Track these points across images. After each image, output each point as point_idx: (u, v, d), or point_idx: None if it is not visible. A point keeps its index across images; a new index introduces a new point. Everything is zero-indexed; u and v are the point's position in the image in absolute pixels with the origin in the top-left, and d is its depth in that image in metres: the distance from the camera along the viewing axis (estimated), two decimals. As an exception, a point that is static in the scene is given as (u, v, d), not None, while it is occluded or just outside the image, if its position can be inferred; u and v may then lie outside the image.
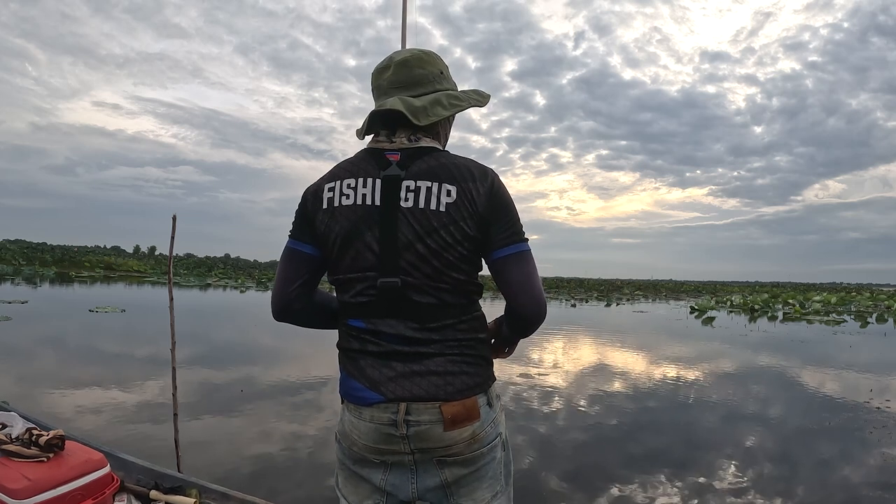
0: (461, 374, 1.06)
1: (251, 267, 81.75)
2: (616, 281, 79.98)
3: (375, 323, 1.07)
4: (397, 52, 1.15)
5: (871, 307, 26.64)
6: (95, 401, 4.91)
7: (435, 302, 1.05)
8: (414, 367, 1.05)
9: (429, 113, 1.07)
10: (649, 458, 3.97)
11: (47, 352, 7.49)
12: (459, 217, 1.03)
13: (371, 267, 1.05)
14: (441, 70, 1.14)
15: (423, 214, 1.03)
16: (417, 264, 1.03)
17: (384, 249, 1.04)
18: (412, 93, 1.10)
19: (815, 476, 3.74)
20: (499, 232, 1.06)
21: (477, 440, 1.06)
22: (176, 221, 2.95)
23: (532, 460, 3.85)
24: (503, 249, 1.07)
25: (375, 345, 1.07)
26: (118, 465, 2.11)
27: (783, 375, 7.87)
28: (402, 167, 1.06)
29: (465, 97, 1.13)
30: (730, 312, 22.67)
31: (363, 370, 1.08)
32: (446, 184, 1.04)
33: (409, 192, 1.04)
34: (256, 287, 31.22)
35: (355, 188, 1.07)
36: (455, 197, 1.03)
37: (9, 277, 26.48)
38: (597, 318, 18.74)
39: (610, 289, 48.06)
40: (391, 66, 1.11)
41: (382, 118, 1.10)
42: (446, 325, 1.06)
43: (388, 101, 1.07)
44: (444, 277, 1.04)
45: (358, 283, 1.08)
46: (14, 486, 1.68)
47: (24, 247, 63.96)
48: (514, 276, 1.07)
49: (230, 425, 4.41)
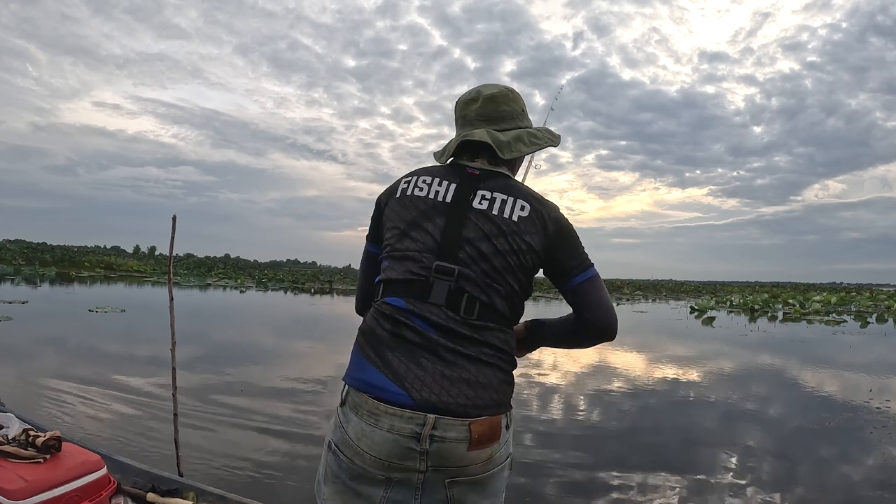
0: (492, 390, 1.01)
1: (251, 267, 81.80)
2: (616, 281, 79.93)
3: (418, 306, 1.02)
4: (485, 85, 1.19)
5: (871, 307, 26.62)
6: (95, 401, 4.90)
7: (486, 300, 1.03)
8: (447, 369, 0.99)
9: (512, 148, 1.11)
10: (650, 458, 3.96)
11: (47, 352, 7.48)
12: (529, 231, 1.06)
13: (429, 250, 1.05)
14: (522, 108, 1.20)
15: (496, 219, 1.06)
16: (478, 259, 1.04)
17: (446, 237, 1.05)
18: (497, 126, 1.15)
19: (816, 476, 3.73)
20: (571, 259, 1.10)
21: (492, 461, 1.03)
22: (176, 221, 2.93)
23: (532, 460, 3.84)
24: (579, 276, 1.10)
25: (411, 330, 1.01)
26: (115, 468, 2.10)
27: (783, 375, 7.87)
28: (481, 179, 1.11)
29: (542, 136, 1.18)
30: (730, 312, 22.67)
31: (388, 361, 1.00)
32: (521, 200, 1.08)
33: (483, 199, 1.08)
34: (256, 287, 31.21)
35: (430, 184, 1.11)
36: (528, 213, 1.07)
37: (9, 277, 26.47)
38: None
39: (610, 289, 47.80)
40: (479, 99, 1.16)
41: (469, 146, 1.15)
42: (490, 327, 1.04)
43: (477, 132, 1.12)
44: (500, 279, 1.04)
45: (410, 261, 1.06)
46: (10, 487, 1.67)
47: (24, 247, 63.98)
48: (594, 298, 1.10)
49: (230, 425, 4.39)
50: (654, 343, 11.54)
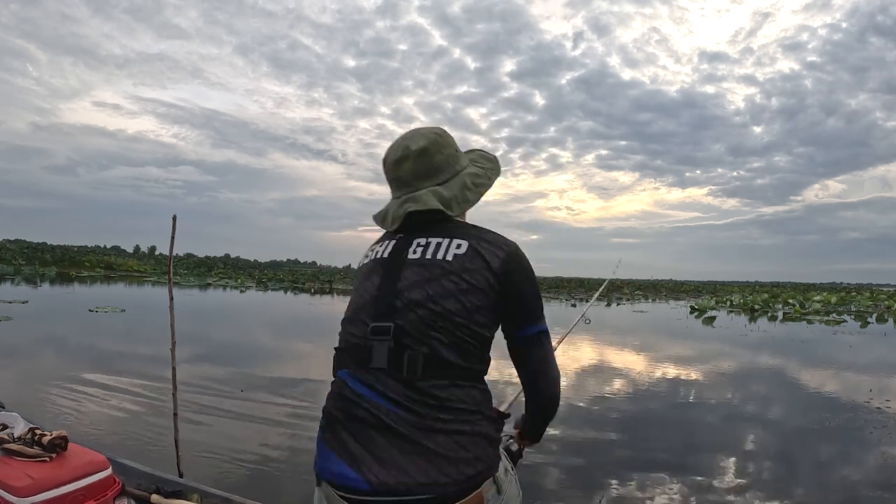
0: (459, 462, 0.90)
1: (251, 267, 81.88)
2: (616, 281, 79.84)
3: (362, 375, 0.96)
4: (410, 136, 1.09)
5: (871, 307, 26.64)
6: (95, 401, 4.91)
7: (428, 352, 0.93)
8: (404, 444, 0.90)
9: (459, 201, 1.07)
10: (650, 458, 3.97)
11: (47, 352, 7.49)
12: (466, 268, 0.97)
13: (365, 308, 1.01)
14: (455, 149, 1.12)
15: (429, 263, 0.99)
16: (414, 308, 0.96)
17: (381, 291, 1.00)
18: (437, 181, 1.07)
19: (816, 476, 3.74)
20: (523, 306, 1.01)
21: None
22: (176, 221, 2.94)
23: (532, 460, 3.85)
24: (529, 328, 1.02)
25: (359, 406, 0.94)
26: (118, 470, 2.11)
27: (783, 375, 7.88)
28: (419, 229, 1.05)
29: (483, 174, 1.12)
30: (730, 312, 22.69)
31: (344, 442, 0.94)
32: (458, 239, 1.01)
33: (418, 247, 1.02)
34: (256, 287, 31.24)
35: (375, 249, 1.10)
36: (465, 250, 0.99)
37: (9, 277, 26.49)
38: (597, 318, 18.77)
39: (610, 289, 48.07)
40: (410, 157, 1.06)
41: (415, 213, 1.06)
42: (441, 385, 0.93)
43: (421, 196, 1.04)
44: (440, 327, 0.95)
45: (351, 325, 1.03)
46: (17, 484, 1.68)
47: (24, 247, 63.97)
48: (540, 354, 1.03)
49: (230, 425, 4.40)
50: (654, 343, 11.54)
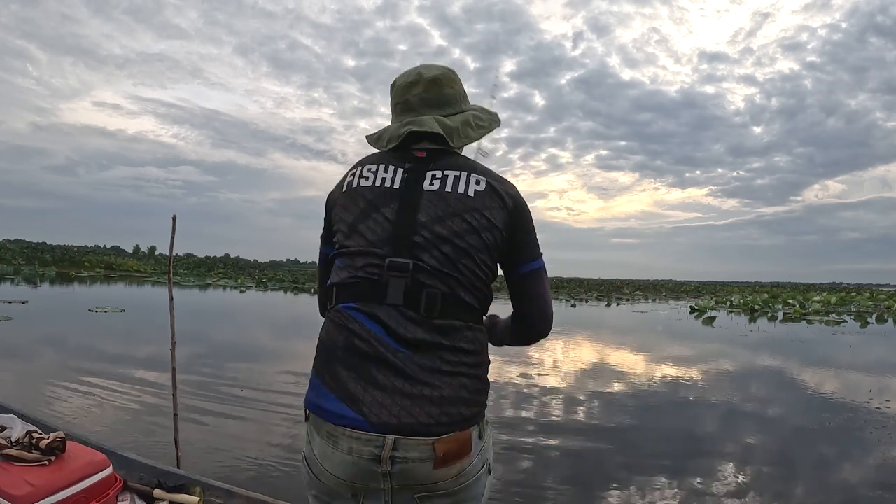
0: (459, 403, 0.93)
1: (251, 267, 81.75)
2: (616, 281, 79.95)
3: (372, 309, 0.94)
4: (425, 66, 1.10)
5: (871, 307, 26.61)
6: (95, 401, 4.90)
7: (447, 291, 0.95)
8: (407, 385, 0.91)
9: (461, 134, 1.05)
10: (650, 459, 3.97)
11: (47, 352, 7.48)
12: (488, 206, 0.98)
13: (381, 242, 0.97)
14: (463, 90, 1.13)
15: (450, 196, 0.98)
16: (436, 244, 0.95)
17: (399, 224, 0.96)
18: (443, 112, 1.07)
19: (816, 476, 3.74)
20: (526, 244, 1.04)
21: (464, 475, 0.95)
22: (176, 221, 2.93)
23: (532, 460, 3.85)
24: (528, 265, 1.05)
25: (365, 340, 0.93)
26: (120, 464, 2.10)
27: (783, 375, 7.88)
28: (429, 160, 1.03)
29: (486, 119, 1.12)
30: (730, 313, 22.66)
31: (343, 383, 0.93)
32: (476, 175, 1.01)
33: (434, 179, 1.00)
34: (256, 287, 31.21)
35: (375, 172, 1.03)
36: (485, 187, 1.00)
37: (9, 277, 26.45)
38: (597, 319, 18.74)
39: (610, 289, 48.04)
40: (420, 83, 1.06)
41: (413, 135, 1.04)
42: (454, 326, 0.95)
43: (425, 120, 1.04)
44: (461, 265, 0.96)
45: (361, 258, 0.98)
46: (16, 493, 1.66)
47: (24, 247, 63.93)
48: (536, 291, 1.06)
49: (230, 425, 4.40)
50: (654, 343, 11.54)
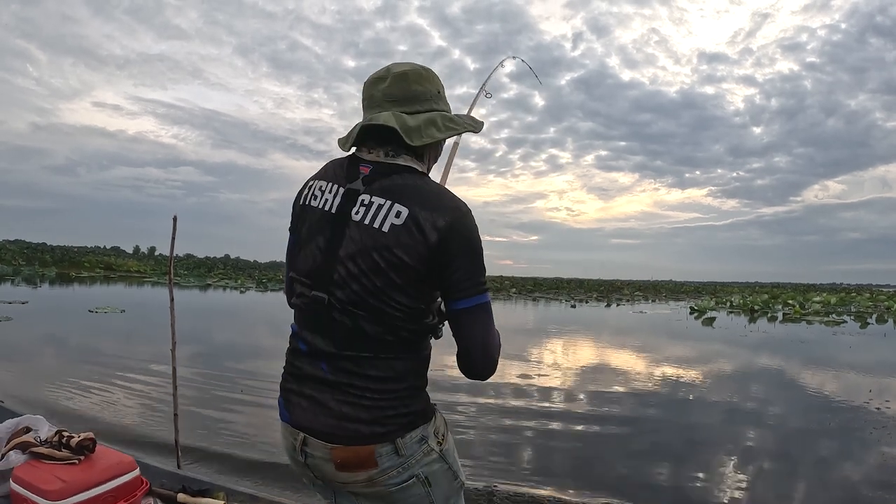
0: (357, 422, 0.98)
1: (251, 267, 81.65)
2: (616, 282, 79.99)
3: (304, 334, 1.05)
4: (396, 63, 1.08)
5: (871, 308, 26.67)
6: (95, 401, 4.94)
7: (350, 326, 0.98)
8: (320, 396, 1.01)
9: (422, 134, 1.01)
10: (649, 458, 4.01)
11: (47, 352, 7.52)
12: (399, 242, 0.95)
13: (309, 273, 1.04)
14: (438, 90, 1.09)
15: (366, 231, 0.98)
16: (348, 281, 0.98)
17: (325, 260, 1.02)
18: (407, 109, 1.04)
19: (816, 476, 3.79)
20: (458, 277, 0.98)
21: (377, 483, 1.00)
22: (176, 222, 2.94)
23: (531, 458, 3.90)
24: (462, 301, 0.99)
25: (299, 358, 1.06)
26: (142, 469, 2.15)
27: (783, 376, 7.94)
28: (366, 182, 1.02)
29: (460, 122, 1.09)
30: (730, 313, 22.72)
31: (286, 386, 1.09)
32: (398, 204, 0.97)
33: (361, 206, 1.00)
34: (256, 287, 31.22)
35: (323, 191, 1.06)
36: (403, 220, 0.96)
37: (9, 278, 26.47)
38: (597, 319, 18.79)
39: (610, 289, 48.08)
40: (388, 78, 1.05)
41: (373, 132, 1.04)
42: (361, 357, 0.99)
43: (382, 115, 1.01)
44: (366, 303, 0.97)
45: (300, 286, 1.07)
46: (48, 488, 1.71)
47: (23, 247, 63.90)
48: (473, 330, 1.01)
49: (230, 425, 4.43)
50: (654, 344, 11.59)
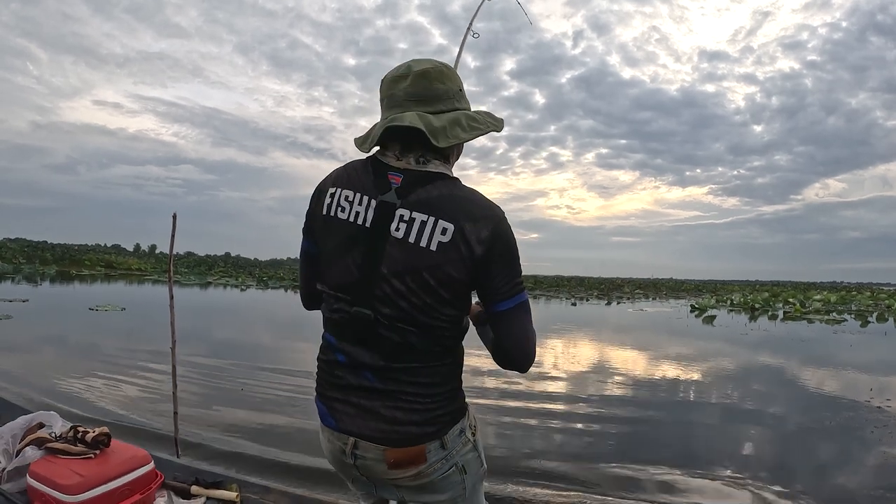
0: (409, 425, 1.03)
1: (252, 265, 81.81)
2: (616, 280, 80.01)
3: (345, 347, 1.06)
4: (416, 60, 1.05)
5: (872, 306, 26.72)
6: (95, 399, 4.95)
7: (399, 341, 1.01)
8: (368, 403, 1.04)
9: (448, 134, 0.99)
10: (649, 456, 4.02)
11: (48, 350, 7.52)
12: (449, 259, 0.97)
13: (348, 288, 1.03)
14: (460, 87, 1.07)
15: (412, 249, 0.97)
16: (394, 298, 0.99)
17: (364, 276, 1.01)
18: (430, 108, 1.02)
19: (816, 475, 3.81)
20: (499, 282, 1.01)
21: (424, 475, 1.06)
22: (176, 220, 2.95)
23: (530, 457, 3.92)
24: (504, 303, 1.02)
25: (341, 369, 1.07)
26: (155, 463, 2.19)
27: (784, 374, 7.96)
28: (401, 195, 1.00)
29: (482, 121, 1.07)
30: (730, 311, 22.77)
31: (328, 396, 1.10)
32: (443, 220, 0.97)
33: (401, 222, 0.98)
34: (257, 285, 31.28)
35: (351, 202, 1.03)
36: (450, 237, 0.96)
37: (9, 276, 26.51)
38: (597, 317, 18.82)
39: (610, 287, 48.12)
40: (409, 76, 1.02)
41: (395, 132, 1.01)
42: (411, 367, 1.02)
43: (406, 115, 0.99)
44: (416, 319, 0.99)
45: (335, 301, 1.06)
46: (66, 482, 1.74)
47: (24, 245, 63.89)
48: (513, 329, 1.05)
49: (230, 424, 4.43)
50: (655, 342, 11.61)
